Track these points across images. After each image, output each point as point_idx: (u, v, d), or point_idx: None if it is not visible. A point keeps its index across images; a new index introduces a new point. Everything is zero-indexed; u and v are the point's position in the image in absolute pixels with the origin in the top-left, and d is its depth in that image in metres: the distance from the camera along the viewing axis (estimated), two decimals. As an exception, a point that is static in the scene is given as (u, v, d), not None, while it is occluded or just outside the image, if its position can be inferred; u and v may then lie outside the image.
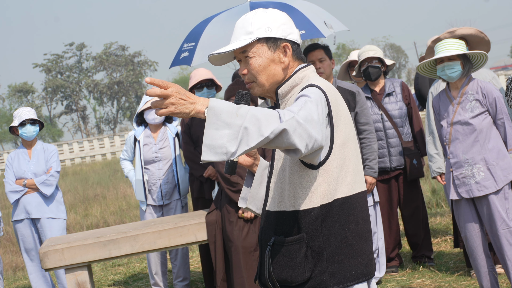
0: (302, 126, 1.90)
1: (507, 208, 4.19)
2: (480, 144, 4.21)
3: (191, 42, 4.89)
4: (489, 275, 4.32)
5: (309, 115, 1.94)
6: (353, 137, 2.22)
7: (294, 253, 2.16)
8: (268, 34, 2.21)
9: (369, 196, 5.15)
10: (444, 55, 4.20)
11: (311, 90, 2.10)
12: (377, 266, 5.24)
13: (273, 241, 2.21)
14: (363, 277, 2.19)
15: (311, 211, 2.15)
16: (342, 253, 2.16)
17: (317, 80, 2.22)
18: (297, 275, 2.16)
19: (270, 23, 2.22)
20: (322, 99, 2.08)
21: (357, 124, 5.10)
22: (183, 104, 1.90)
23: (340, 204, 2.15)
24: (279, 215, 2.23)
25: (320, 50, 5.04)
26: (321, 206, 2.14)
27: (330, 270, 2.14)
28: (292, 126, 1.88)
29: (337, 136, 2.15)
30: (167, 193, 5.65)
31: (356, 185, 2.20)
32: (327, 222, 2.15)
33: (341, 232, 2.16)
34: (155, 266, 5.71)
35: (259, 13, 2.25)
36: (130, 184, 14.62)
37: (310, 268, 2.15)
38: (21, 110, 5.90)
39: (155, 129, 5.73)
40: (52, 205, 5.94)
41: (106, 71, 64.26)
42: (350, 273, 2.16)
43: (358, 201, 2.20)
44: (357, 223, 2.19)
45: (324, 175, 2.14)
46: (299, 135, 1.89)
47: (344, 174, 2.16)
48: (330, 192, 2.14)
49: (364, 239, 2.21)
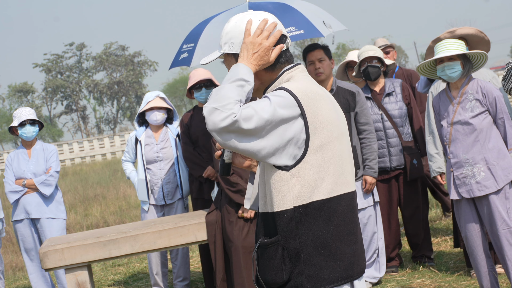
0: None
1: (507, 208, 4.19)
2: (480, 144, 4.21)
3: (190, 43, 4.89)
4: (489, 275, 4.32)
5: (250, 114, 2.06)
6: (336, 139, 2.20)
7: (272, 255, 2.18)
8: (231, 50, 2.28)
9: (369, 196, 5.15)
10: (444, 55, 4.20)
11: (277, 93, 2.15)
12: (377, 266, 5.23)
13: (258, 243, 2.23)
14: (342, 280, 2.18)
15: (284, 213, 2.15)
16: (320, 256, 2.15)
17: (297, 81, 2.23)
18: (276, 277, 2.17)
19: (234, 38, 2.27)
20: (287, 102, 2.11)
21: (357, 124, 5.10)
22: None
23: (318, 206, 2.15)
24: (264, 217, 2.25)
25: (320, 50, 5.05)
26: (295, 208, 2.14)
27: (307, 272, 2.14)
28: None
29: (313, 139, 2.14)
30: (168, 193, 5.65)
31: (338, 187, 2.18)
32: (303, 224, 2.15)
33: (318, 235, 2.15)
34: (156, 266, 5.71)
35: (230, 25, 2.29)
36: (130, 184, 14.62)
37: (288, 270, 2.16)
38: (20, 110, 5.89)
39: (157, 129, 5.74)
40: (52, 205, 5.93)
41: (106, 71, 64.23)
42: (328, 275, 2.15)
43: (340, 204, 2.19)
44: (337, 225, 2.17)
45: (297, 177, 2.14)
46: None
47: (323, 177, 2.15)
48: (305, 194, 2.14)
49: (345, 241, 2.19)
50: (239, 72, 2.15)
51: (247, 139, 2.08)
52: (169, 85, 62.00)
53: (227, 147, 2.10)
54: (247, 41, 2.21)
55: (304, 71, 2.31)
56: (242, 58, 2.20)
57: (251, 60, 2.20)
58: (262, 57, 2.21)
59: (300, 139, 2.13)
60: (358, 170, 5.07)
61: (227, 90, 2.10)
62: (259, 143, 2.09)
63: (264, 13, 2.30)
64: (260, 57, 2.21)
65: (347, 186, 2.23)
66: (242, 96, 2.11)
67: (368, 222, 5.11)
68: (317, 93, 2.21)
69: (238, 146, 2.08)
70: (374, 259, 5.21)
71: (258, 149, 2.10)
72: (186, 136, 5.52)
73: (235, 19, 2.29)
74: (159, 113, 5.63)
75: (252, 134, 2.08)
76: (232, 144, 2.08)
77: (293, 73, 2.28)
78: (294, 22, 4.51)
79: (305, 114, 2.14)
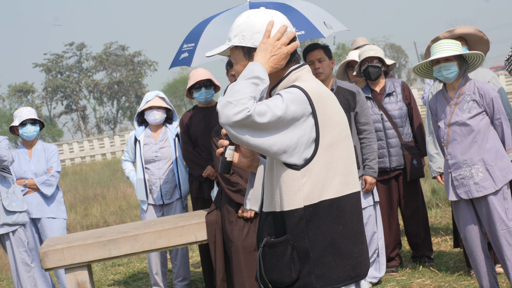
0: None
1: (506, 209, 4.19)
2: (478, 145, 4.21)
3: (191, 43, 4.89)
4: (489, 275, 4.32)
5: (264, 110, 2.06)
6: (344, 139, 2.22)
7: (280, 255, 2.17)
8: (241, 42, 2.28)
9: (369, 196, 5.15)
10: (440, 56, 4.20)
11: (289, 90, 2.17)
12: (377, 266, 5.23)
13: (264, 243, 2.23)
14: (351, 280, 2.18)
15: (294, 212, 2.15)
16: (329, 255, 2.15)
17: (308, 81, 2.25)
18: (285, 277, 2.17)
19: (245, 31, 2.28)
20: (299, 99, 2.13)
21: (357, 124, 5.10)
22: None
23: (327, 205, 2.16)
24: (270, 216, 2.25)
25: (319, 50, 5.04)
26: (305, 207, 2.15)
27: (316, 271, 2.15)
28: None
29: (323, 138, 2.16)
30: (167, 192, 5.65)
31: (346, 186, 2.20)
32: (312, 223, 2.15)
33: (328, 234, 2.16)
34: (156, 266, 5.71)
35: (242, 19, 2.31)
36: (130, 184, 14.63)
37: (297, 270, 2.16)
38: (21, 110, 5.89)
39: (156, 129, 5.74)
40: (53, 205, 5.94)
41: (106, 71, 64.24)
42: (337, 275, 2.16)
43: (348, 203, 2.20)
44: (345, 225, 2.18)
45: (308, 176, 2.15)
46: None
47: (332, 176, 2.16)
48: (315, 193, 2.15)
49: (352, 241, 2.20)
50: (255, 70, 2.15)
51: (259, 134, 2.08)
52: (169, 85, 62.03)
53: (240, 142, 2.10)
54: (267, 42, 2.22)
55: (310, 72, 2.33)
56: (260, 58, 2.21)
57: (268, 61, 2.22)
58: (279, 61, 2.23)
59: (311, 137, 2.15)
60: (358, 170, 5.07)
61: (241, 86, 2.10)
62: (271, 138, 2.10)
63: (276, 12, 2.32)
64: (277, 60, 2.23)
65: (355, 185, 2.25)
66: (256, 94, 2.11)
67: (368, 222, 5.12)
68: (326, 92, 2.24)
69: (250, 141, 2.09)
70: (374, 259, 5.21)
71: (269, 144, 2.10)
72: (186, 135, 5.52)
73: (248, 13, 2.30)
74: (158, 113, 5.63)
75: (265, 129, 2.09)
76: (244, 139, 2.08)
77: (300, 73, 2.29)
78: (295, 23, 4.51)
79: (315, 112, 2.15)
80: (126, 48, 63.96)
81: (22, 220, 5.44)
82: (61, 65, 63.90)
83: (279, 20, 2.28)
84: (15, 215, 5.38)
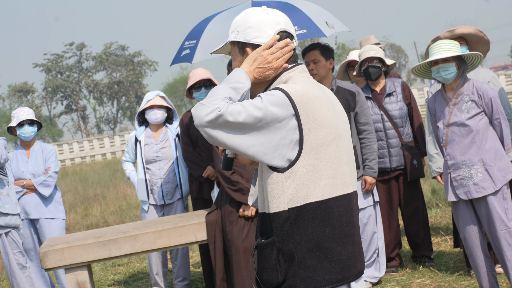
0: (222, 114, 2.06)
1: (505, 209, 4.18)
2: (477, 145, 4.20)
3: (192, 40, 4.90)
4: (489, 275, 4.31)
5: (238, 110, 2.06)
6: (332, 141, 2.17)
7: (268, 256, 2.17)
8: (235, 38, 2.29)
9: (369, 196, 5.14)
10: (438, 57, 4.19)
11: (270, 92, 2.16)
12: (377, 266, 5.23)
13: (256, 244, 2.23)
14: (337, 283, 2.16)
15: (279, 215, 2.14)
16: (315, 257, 2.14)
17: (296, 82, 2.22)
18: (272, 278, 2.17)
19: (240, 26, 2.29)
20: (279, 101, 2.11)
21: (357, 124, 5.10)
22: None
23: (313, 208, 2.14)
24: (262, 217, 2.25)
25: (315, 51, 5.01)
26: (289, 210, 2.13)
27: (300, 274, 2.14)
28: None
29: (308, 140, 2.13)
30: (168, 192, 5.65)
31: (334, 188, 2.16)
32: (297, 225, 2.14)
33: (314, 236, 2.14)
34: (156, 266, 5.71)
35: (240, 16, 2.32)
36: (130, 184, 14.63)
37: (283, 272, 2.15)
38: (19, 110, 5.87)
39: (156, 128, 5.74)
40: (51, 205, 5.93)
41: (106, 71, 64.22)
42: (323, 277, 2.14)
43: (336, 205, 2.17)
44: (333, 227, 2.15)
45: (292, 178, 2.13)
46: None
47: (318, 178, 2.14)
48: (300, 196, 2.13)
49: (341, 243, 2.17)
50: (236, 75, 2.18)
51: (235, 134, 2.07)
52: (169, 85, 61.99)
53: (216, 143, 2.09)
54: (259, 53, 2.23)
55: (304, 72, 2.30)
56: (245, 65, 2.23)
57: (253, 71, 2.23)
58: (263, 73, 2.24)
59: (293, 139, 2.12)
60: (358, 170, 5.07)
61: (218, 89, 2.13)
62: (248, 139, 2.09)
63: (278, 12, 2.31)
64: (261, 73, 2.24)
65: (345, 187, 2.20)
66: (233, 96, 2.12)
67: (368, 222, 5.11)
68: (313, 94, 2.18)
69: (226, 142, 2.08)
70: (374, 259, 5.21)
71: (248, 145, 2.09)
72: (186, 136, 5.52)
73: (247, 10, 2.31)
74: (159, 112, 5.63)
75: (241, 129, 2.07)
76: (220, 140, 2.08)
77: (291, 74, 2.27)
78: (297, 22, 4.51)
79: (298, 114, 2.12)
80: (126, 48, 63.94)
81: (14, 223, 5.44)
82: (61, 65, 63.88)
83: (277, 20, 2.27)
84: (7, 217, 5.38)
